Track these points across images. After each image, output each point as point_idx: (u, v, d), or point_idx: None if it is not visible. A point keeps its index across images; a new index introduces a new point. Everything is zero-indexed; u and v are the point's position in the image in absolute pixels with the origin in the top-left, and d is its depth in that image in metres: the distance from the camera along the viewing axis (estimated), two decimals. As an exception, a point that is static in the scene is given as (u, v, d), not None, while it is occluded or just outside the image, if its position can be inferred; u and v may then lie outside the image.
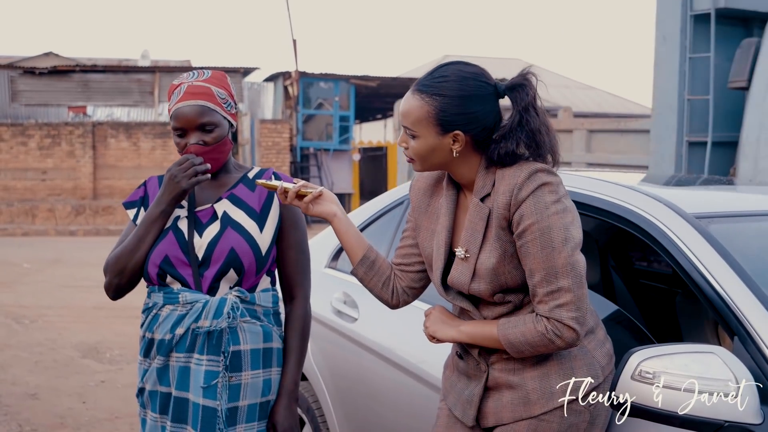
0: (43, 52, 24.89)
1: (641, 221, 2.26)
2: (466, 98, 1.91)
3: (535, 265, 1.87)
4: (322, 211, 2.10)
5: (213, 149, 2.16)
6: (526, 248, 1.88)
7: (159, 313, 2.18)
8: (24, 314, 7.89)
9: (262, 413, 2.21)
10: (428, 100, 1.92)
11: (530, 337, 1.88)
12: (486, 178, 1.95)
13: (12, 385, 5.52)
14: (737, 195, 2.82)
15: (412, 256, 2.17)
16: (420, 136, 1.94)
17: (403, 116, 1.97)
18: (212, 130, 2.15)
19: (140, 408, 2.27)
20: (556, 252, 1.85)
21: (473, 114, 1.91)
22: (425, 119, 1.92)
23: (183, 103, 2.14)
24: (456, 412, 2.10)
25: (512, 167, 1.91)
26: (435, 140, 1.93)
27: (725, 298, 2.01)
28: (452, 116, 1.91)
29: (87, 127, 18.96)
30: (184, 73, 2.24)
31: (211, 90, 2.17)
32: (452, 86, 1.92)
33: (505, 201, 1.89)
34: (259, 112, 22.49)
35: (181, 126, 2.15)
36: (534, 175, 1.88)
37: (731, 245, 2.14)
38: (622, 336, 2.30)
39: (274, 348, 2.24)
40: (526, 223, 1.86)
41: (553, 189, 1.88)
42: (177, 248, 2.16)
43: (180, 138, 2.17)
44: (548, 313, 1.86)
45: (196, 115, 2.13)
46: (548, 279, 1.85)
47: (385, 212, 3.25)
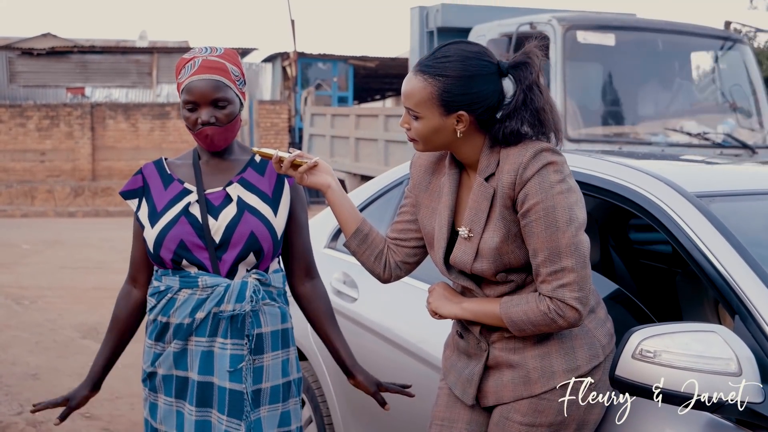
0: (41, 33, 24.76)
1: (642, 200, 2.25)
2: (469, 78, 1.89)
3: (538, 245, 1.86)
4: (316, 181, 2.09)
5: (226, 129, 2.13)
6: (530, 227, 1.87)
7: (175, 297, 2.16)
8: (24, 295, 7.89)
9: (284, 394, 2.23)
10: (431, 80, 1.90)
11: (533, 316, 1.88)
12: (490, 158, 1.94)
13: (12, 365, 5.53)
14: (739, 174, 2.80)
15: (409, 231, 2.16)
16: (423, 117, 1.92)
17: (405, 97, 1.94)
18: (225, 106, 2.12)
19: (149, 392, 2.24)
20: (560, 232, 1.84)
21: (477, 94, 1.89)
22: (428, 100, 1.90)
23: (198, 77, 2.11)
24: (456, 391, 2.10)
25: (517, 146, 1.90)
26: (438, 121, 1.91)
27: (726, 277, 2.00)
28: (456, 97, 1.89)
29: (85, 109, 18.89)
30: (196, 48, 2.21)
31: (226, 66, 2.14)
32: (455, 66, 1.89)
33: (509, 180, 1.88)
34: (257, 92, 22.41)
35: (194, 100, 2.10)
36: (539, 154, 1.87)
37: (732, 224, 2.13)
38: (622, 315, 2.29)
39: (289, 328, 2.26)
40: (530, 202, 1.86)
41: (558, 168, 1.87)
42: (192, 232, 2.13)
43: (190, 112, 2.12)
44: (551, 292, 1.85)
45: (212, 90, 2.10)
46: (552, 258, 1.85)
47: (384, 193, 3.24)
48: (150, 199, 2.21)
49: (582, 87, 6.77)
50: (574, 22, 6.70)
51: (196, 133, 2.14)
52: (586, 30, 6.65)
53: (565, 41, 6.56)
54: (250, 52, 22.25)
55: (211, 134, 2.12)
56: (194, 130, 2.13)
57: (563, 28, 6.61)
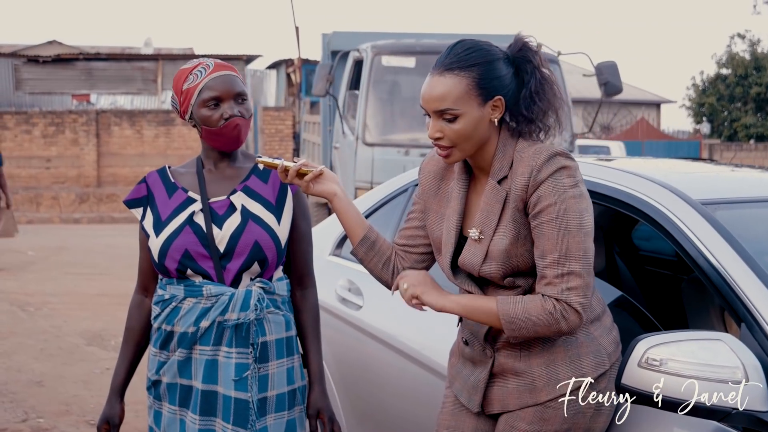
0: (47, 41, 24.89)
1: (647, 207, 2.24)
2: (496, 62, 1.93)
3: (548, 247, 1.86)
4: (322, 190, 2.09)
5: (247, 122, 2.18)
6: (540, 229, 1.87)
7: (180, 305, 2.16)
8: (29, 302, 7.91)
9: (290, 402, 2.22)
10: (463, 73, 1.91)
11: (534, 315, 1.86)
12: (503, 160, 1.95)
13: (17, 372, 5.53)
14: (743, 181, 2.80)
15: (418, 237, 2.16)
16: (463, 114, 1.91)
17: (438, 100, 1.92)
18: (244, 102, 2.17)
19: (153, 400, 2.25)
20: (571, 236, 1.84)
21: (505, 77, 1.93)
22: (466, 92, 1.91)
23: (217, 74, 2.15)
24: (462, 398, 2.10)
25: (531, 149, 1.92)
26: (478, 113, 1.92)
27: (732, 285, 2.00)
28: (492, 81, 1.91)
29: (90, 115, 18.95)
30: (193, 60, 2.24)
31: (235, 68, 2.21)
32: (480, 54, 1.92)
33: (523, 182, 1.89)
34: (261, 99, 22.46)
35: (218, 95, 2.13)
36: (553, 158, 1.88)
37: (737, 231, 2.13)
38: (627, 322, 2.29)
39: (294, 336, 2.26)
40: (543, 204, 1.86)
41: (571, 173, 1.88)
42: (197, 242, 2.14)
43: (212, 110, 2.13)
44: (557, 294, 1.85)
45: (233, 84, 2.15)
46: (560, 261, 1.85)
47: (388, 201, 3.24)
48: (154, 208, 2.21)
49: (382, 101, 8.34)
50: (381, 48, 8.32)
51: (220, 129, 2.13)
52: (389, 55, 8.29)
53: (373, 64, 8.21)
54: (255, 59, 22.32)
55: (241, 125, 2.15)
56: (217, 126, 2.13)
57: (373, 53, 8.25)
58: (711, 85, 27.32)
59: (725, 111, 27.11)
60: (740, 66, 26.38)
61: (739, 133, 26.26)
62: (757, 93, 25.90)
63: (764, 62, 26.19)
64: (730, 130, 26.76)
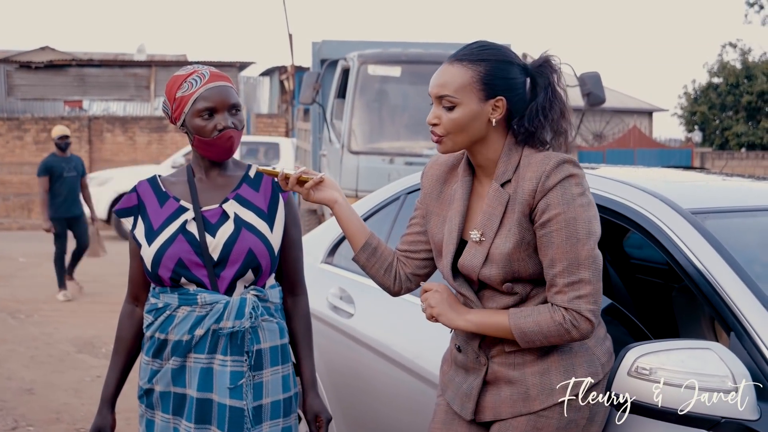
0: (39, 47, 24.78)
1: (638, 216, 2.25)
2: (508, 63, 1.94)
3: (557, 255, 1.87)
4: (323, 197, 2.09)
5: (240, 133, 2.18)
6: (549, 237, 1.88)
7: (174, 314, 2.15)
8: (19, 309, 7.87)
9: (285, 409, 2.23)
10: (471, 66, 1.93)
11: (545, 327, 1.87)
12: (508, 164, 1.95)
13: (7, 380, 5.51)
14: (733, 190, 2.81)
15: (419, 243, 2.16)
16: (461, 104, 1.93)
17: (441, 86, 1.95)
18: (237, 113, 2.17)
19: (145, 408, 2.24)
20: (581, 244, 1.86)
21: (514, 80, 1.94)
22: (469, 84, 1.92)
23: (213, 84, 2.14)
24: (454, 405, 2.10)
25: (539, 155, 1.92)
26: (476, 108, 1.93)
27: (722, 294, 2.00)
28: (496, 80, 1.93)
29: (83, 122, 18.90)
30: (188, 66, 2.24)
31: (229, 78, 2.21)
32: (493, 53, 1.95)
33: (530, 188, 1.89)
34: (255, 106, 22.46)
35: (212, 106, 2.13)
36: (562, 165, 1.89)
37: (727, 241, 2.14)
38: (617, 331, 2.29)
39: (287, 343, 2.27)
40: (552, 213, 1.87)
41: (578, 182, 1.90)
42: (190, 250, 2.14)
43: (206, 120, 2.13)
44: (567, 303, 1.86)
45: (228, 96, 2.15)
46: (570, 270, 1.86)
47: (380, 209, 3.24)
48: (146, 217, 2.20)
49: (368, 109, 8.40)
50: (368, 57, 8.38)
51: (214, 140, 2.14)
52: (375, 64, 8.34)
53: (359, 73, 8.28)
54: (248, 66, 22.30)
55: (234, 137, 2.15)
56: (210, 136, 2.14)
57: (359, 62, 8.31)
58: (703, 94, 27.43)
59: (717, 119, 27.21)
60: (732, 75, 26.49)
61: (730, 142, 26.35)
62: (748, 102, 26.01)
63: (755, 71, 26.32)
64: (721, 139, 26.85)
